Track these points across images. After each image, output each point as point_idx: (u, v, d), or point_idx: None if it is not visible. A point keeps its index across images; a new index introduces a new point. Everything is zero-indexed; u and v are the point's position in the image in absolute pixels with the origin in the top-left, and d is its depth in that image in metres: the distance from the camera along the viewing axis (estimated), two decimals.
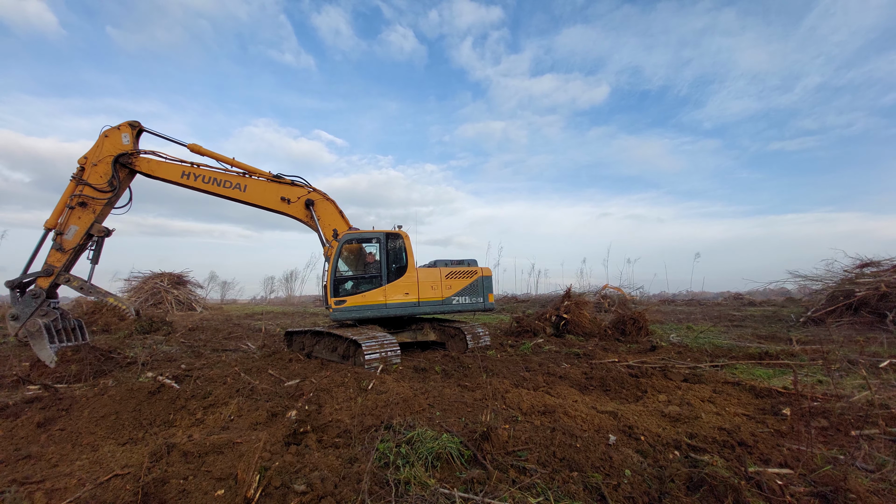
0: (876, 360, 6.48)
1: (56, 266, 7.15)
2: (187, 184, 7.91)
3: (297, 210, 8.21)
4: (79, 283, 7.35)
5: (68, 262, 7.32)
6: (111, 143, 7.58)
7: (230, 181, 8.03)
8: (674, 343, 9.48)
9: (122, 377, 6.50)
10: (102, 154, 7.53)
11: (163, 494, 2.48)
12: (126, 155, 7.62)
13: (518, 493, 2.63)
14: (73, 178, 7.37)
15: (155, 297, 21.93)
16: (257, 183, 8.15)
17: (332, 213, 8.32)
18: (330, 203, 8.35)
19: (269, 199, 8.17)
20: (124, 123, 7.71)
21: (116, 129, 7.64)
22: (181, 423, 4.31)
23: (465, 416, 4.15)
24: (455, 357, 7.45)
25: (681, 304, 24.48)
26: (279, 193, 8.18)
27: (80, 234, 7.30)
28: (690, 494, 2.63)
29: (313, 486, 2.62)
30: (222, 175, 8.04)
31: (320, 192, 8.36)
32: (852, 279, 12.68)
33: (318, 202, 8.25)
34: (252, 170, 8.16)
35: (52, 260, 7.18)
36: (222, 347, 9.89)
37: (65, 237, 7.22)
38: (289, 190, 8.22)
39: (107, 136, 7.60)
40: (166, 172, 7.87)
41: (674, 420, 4.17)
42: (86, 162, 7.46)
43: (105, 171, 7.46)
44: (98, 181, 7.42)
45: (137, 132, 7.85)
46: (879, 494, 2.65)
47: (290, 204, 8.16)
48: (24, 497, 2.81)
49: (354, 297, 7.73)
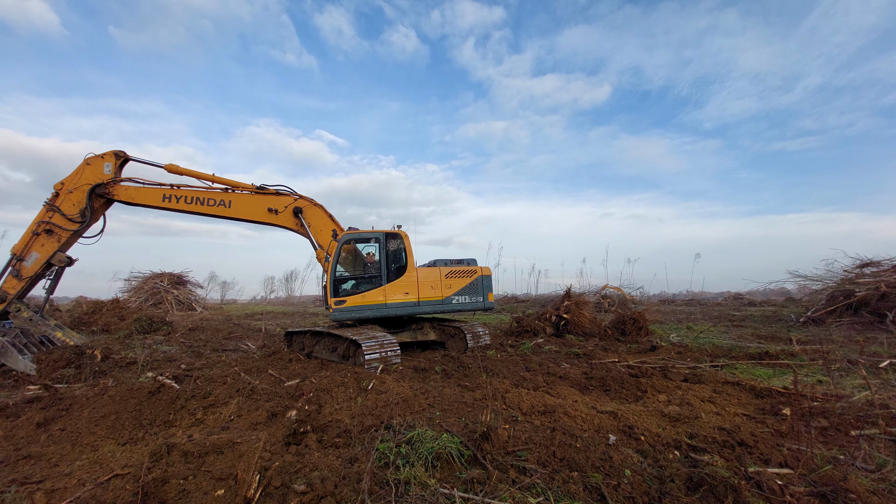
0: (876, 360, 6.48)
1: (10, 293, 6.95)
2: (170, 206, 7.69)
3: (286, 220, 8.07)
4: (28, 315, 7.14)
5: (23, 290, 7.13)
6: (91, 172, 7.36)
7: (213, 199, 7.81)
8: (674, 343, 9.47)
9: (122, 377, 6.50)
10: (80, 182, 7.30)
11: (163, 494, 2.48)
12: (103, 185, 7.38)
13: (518, 493, 2.63)
14: (46, 204, 7.13)
15: (155, 296, 21.93)
16: (242, 197, 7.96)
17: (322, 217, 8.23)
18: (318, 208, 8.25)
19: (256, 213, 7.99)
20: (109, 153, 7.49)
21: (100, 158, 7.42)
22: (181, 423, 4.31)
23: (465, 416, 4.15)
24: (455, 357, 7.45)
25: (681, 304, 24.48)
26: (265, 205, 8.01)
27: (39, 262, 7.07)
28: (690, 494, 2.63)
29: (313, 486, 2.62)
30: (205, 193, 7.80)
31: (307, 199, 8.24)
32: (852, 279, 12.68)
33: (306, 209, 8.13)
34: (235, 184, 7.97)
35: (7, 286, 6.98)
36: (222, 347, 9.89)
37: (24, 264, 7.01)
38: (275, 200, 8.06)
39: (88, 163, 7.37)
40: (146, 198, 7.62)
41: (674, 420, 4.17)
42: (61, 188, 7.21)
43: (79, 199, 7.23)
44: (70, 210, 7.19)
45: (122, 161, 7.63)
46: (879, 494, 2.65)
47: (277, 214, 8.00)
48: (24, 497, 2.81)
49: (354, 297, 7.73)
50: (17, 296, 7.07)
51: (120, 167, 7.68)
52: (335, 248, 7.66)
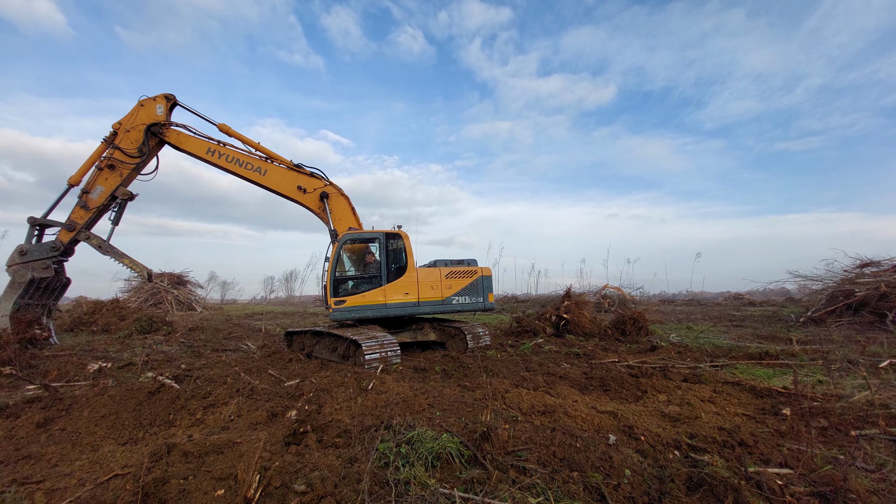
0: (876, 360, 6.48)
1: (78, 223, 7.40)
2: (211, 160, 8.08)
3: (312, 201, 8.34)
4: (97, 242, 7.61)
5: (90, 221, 7.57)
6: (146, 112, 7.80)
7: (252, 164, 8.19)
8: (674, 343, 9.47)
9: (122, 377, 6.49)
10: (136, 122, 7.74)
11: (163, 494, 2.48)
12: (158, 125, 7.82)
13: (518, 493, 2.62)
14: (105, 141, 7.58)
15: (155, 297, 21.93)
16: (277, 169, 8.31)
17: (345, 208, 8.43)
18: (344, 199, 8.47)
19: (286, 186, 8.33)
20: (160, 95, 7.92)
21: (152, 100, 7.85)
22: (181, 423, 4.31)
23: (465, 416, 4.15)
24: (455, 357, 7.44)
25: (681, 304, 24.47)
26: (297, 182, 8.32)
27: (105, 194, 7.54)
28: (690, 494, 2.63)
29: (313, 486, 2.62)
30: (245, 157, 8.20)
31: (336, 187, 8.48)
32: (852, 279, 12.68)
33: (332, 196, 8.38)
34: (275, 156, 8.33)
35: (76, 216, 7.43)
36: (222, 347, 9.89)
37: (90, 196, 7.47)
38: (306, 180, 8.36)
39: (142, 105, 7.81)
40: (194, 147, 8.05)
41: (674, 420, 4.16)
42: (119, 127, 7.66)
43: (137, 137, 7.69)
44: (129, 147, 7.64)
45: (171, 105, 8.04)
46: (879, 494, 2.65)
47: (305, 194, 8.30)
48: (24, 497, 2.81)
49: (354, 297, 7.73)
50: (84, 226, 7.51)
51: (170, 110, 8.08)
52: (335, 247, 7.67)
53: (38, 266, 7.05)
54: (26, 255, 7.02)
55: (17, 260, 6.97)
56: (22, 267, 6.96)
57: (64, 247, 7.24)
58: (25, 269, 6.96)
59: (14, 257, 6.99)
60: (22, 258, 6.99)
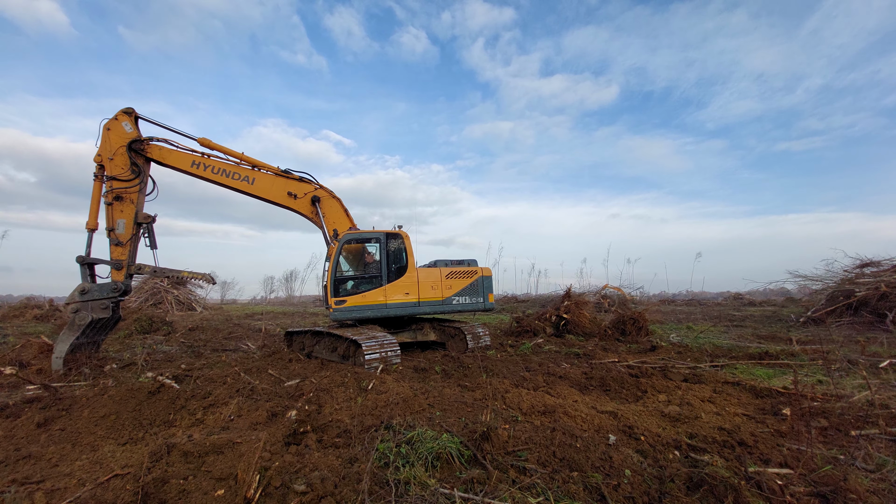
0: (876, 360, 6.48)
1: (122, 259, 7.40)
2: (197, 173, 8.00)
3: (303, 206, 8.29)
4: (150, 269, 7.70)
5: (131, 254, 7.58)
6: (116, 135, 7.69)
7: (239, 173, 8.12)
8: (674, 343, 9.47)
9: (122, 377, 6.49)
10: (113, 147, 7.64)
11: (163, 494, 2.48)
12: (137, 141, 7.73)
13: (518, 493, 2.62)
14: (96, 178, 7.50)
15: (155, 297, 21.92)
16: (265, 177, 8.24)
17: (338, 210, 8.39)
18: (335, 201, 8.42)
19: (276, 194, 8.26)
20: (119, 112, 7.77)
21: (115, 120, 7.73)
22: (181, 423, 4.31)
23: (465, 416, 4.15)
24: (455, 357, 7.44)
25: (681, 304, 24.48)
26: (286, 188, 8.25)
27: (129, 225, 7.55)
28: (690, 494, 2.63)
29: (313, 486, 2.62)
30: (231, 167, 8.13)
31: (327, 190, 8.43)
32: (852, 279, 12.68)
33: (324, 199, 8.33)
34: (261, 164, 8.26)
35: (116, 255, 7.42)
36: (222, 347, 9.89)
37: (117, 231, 7.48)
38: (296, 185, 8.30)
39: (108, 129, 7.67)
40: (177, 161, 7.97)
41: (674, 420, 4.16)
42: (101, 160, 7.58)
43: (123, 161, 7.62)
44: (121, 172, 7.57)
45: (134, 119, 7.90)
46: (879, 494, 2.65)
47: (296, 199, 8.24)
48: (24, 497, 2.81)
49: (354, 297, 7.73)
50: (129, 260, 7.54)
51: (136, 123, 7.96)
52: (335, 247, 7.66)
53: (97, 306, 7.08)
54: (87, 293, 7.04)
55: (78, 298, 6.99)
56: (82, 307, 6.99)
57: (124, 288, 7.29)
58: (86, 312, 7.00)
59: (74, 296, 7.01)
60: (82, 297, 7.00)
